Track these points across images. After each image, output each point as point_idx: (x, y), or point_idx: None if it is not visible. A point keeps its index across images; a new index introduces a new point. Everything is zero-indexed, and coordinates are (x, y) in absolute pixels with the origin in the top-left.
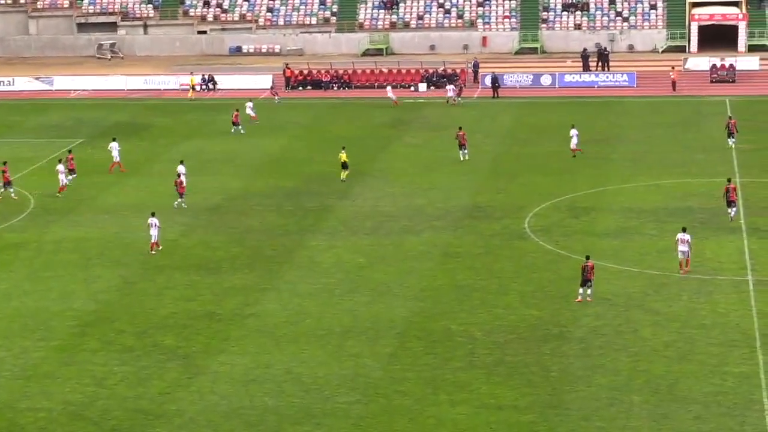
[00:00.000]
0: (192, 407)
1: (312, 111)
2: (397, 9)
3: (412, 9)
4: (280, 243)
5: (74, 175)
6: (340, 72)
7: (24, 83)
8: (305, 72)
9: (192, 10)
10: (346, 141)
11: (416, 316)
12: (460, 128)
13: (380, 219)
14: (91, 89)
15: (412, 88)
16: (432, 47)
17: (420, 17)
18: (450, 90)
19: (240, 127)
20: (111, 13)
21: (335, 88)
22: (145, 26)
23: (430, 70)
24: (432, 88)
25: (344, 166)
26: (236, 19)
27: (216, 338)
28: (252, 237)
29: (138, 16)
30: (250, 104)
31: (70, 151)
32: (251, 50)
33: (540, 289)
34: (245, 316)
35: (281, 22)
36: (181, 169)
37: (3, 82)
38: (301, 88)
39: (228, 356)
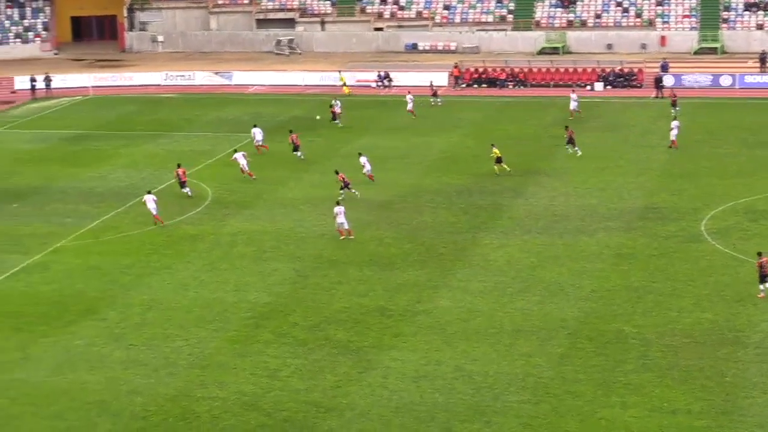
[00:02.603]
0: (363, 401)
1: (486, 109)
2: (575, 7)
3: (589, 7)
4: (452, 240)
5: (300, 152)
6: (516, 70)
7: (204, 78)
8: (480, 70)
9: (369, 7)
10: (520, 139)
11: (588, 317)
12: (567, 127)
13: (553, 218)
14: (268, 84)
15: (589, 88)
16: (609, 46)
17: (597, 16)
18: (573, 101)
19: (338, 121)
20: (289, 10)
21: (510, 87)
22: (323, 23)
23: (607, 70)
24: (608, 87)
25: (498, 160)
26: (413, 16)
27: (387, 334)
28: (424, 234)
29: (316, 12)
30: (335, 102)
31: (291, 131)
32: (427, 48)
33: (716, 293)
34: (417, 313)
35: (457, 19)
36: (362, 160)
37: (184, 76)
38: (476, 85)
39: (399, 352)
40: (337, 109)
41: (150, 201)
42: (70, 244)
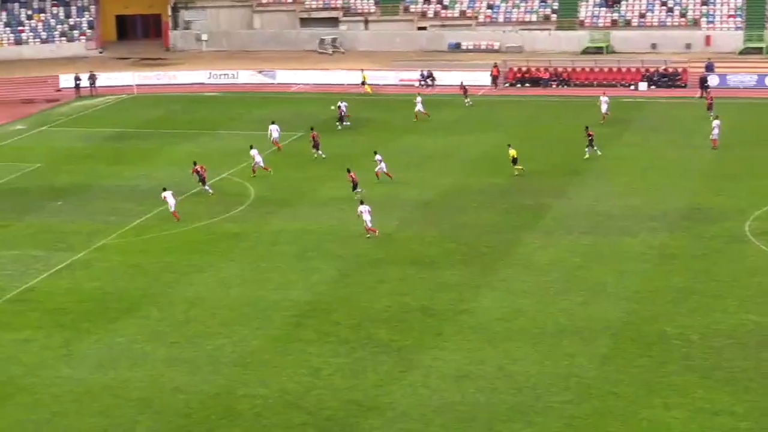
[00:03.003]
0: (404, 400)
1: (529, 108)
2: (619, 7)
3: (634, 7)
4: (495, 240)
5: (321, 151)
6: (560, 70)
7: (247, 76)
8: (524, 69)
9: (413, 6)
10: (563, 139)
11: (631, 318)
12: (587, 127)
13: (597, 218)
14: (311, 83)
15: (632, 87)
16: (653, 46)
17: (642, 15)
18: (604, 103)
19: (346, 122)
20: (333, 9)
21: (554, 86)
22: (366, 22)
23: (651, 69)
24: (652, 87)
25: (514, 161)
26: (456, 15)
27: (429, 333)
28: (467, 233)
29: (359, 11)
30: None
31: (312, 129)
32: (470, 47)
33: (760, 294)
34: (459, 312)
35: (501, 19)
36: (378, 158)
37: (227, 75)
38: (519, 85)
39: (441, 351)
40: (344, 111)
41: (170, 197)
42: (114, 242)
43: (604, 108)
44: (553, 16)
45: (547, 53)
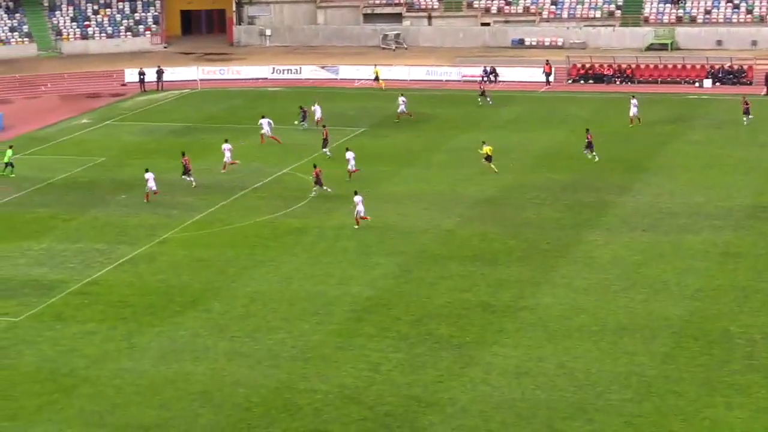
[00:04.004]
0: (464, 396)
1: (592, 105)
2: (684, 3)
3: (699, 3)
4: (556, 237)
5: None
6: (623, 66)
7: (310, 72)
8: (587, 66)
9: (476, 2)
10: (627, 136)
11: (693, 316)
12: (588, 129)
13: (659, 216)
14: (374, 79)
15: (697, 84)
16: (719, 42)
17: (707, 12)
18: (633, 106)
19: (305, 122)
20: (396, 4)
21: (618, 83)
22: (429, 17)
23: (716, 66)
24: (717, 84)
25: (488, 158)
26: (520, 11)
27: (489, 329)
28: (528, 230)
29: (423, 7)
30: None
31: (324, 126)
32: (534, 43)
33: None
34: (519, 309)
35: (565, 15)
36: (349, 155)
37: (291, 70)
38: (582, 81)
39: (501, 348)
40: (318, 114)
41: (150, 180)
42: (177, 236)
43: (633, 111)
44: (618, 13)
45: (611, 50)
